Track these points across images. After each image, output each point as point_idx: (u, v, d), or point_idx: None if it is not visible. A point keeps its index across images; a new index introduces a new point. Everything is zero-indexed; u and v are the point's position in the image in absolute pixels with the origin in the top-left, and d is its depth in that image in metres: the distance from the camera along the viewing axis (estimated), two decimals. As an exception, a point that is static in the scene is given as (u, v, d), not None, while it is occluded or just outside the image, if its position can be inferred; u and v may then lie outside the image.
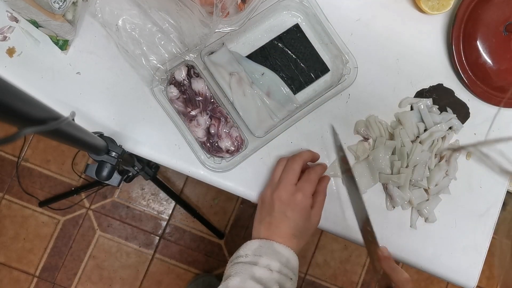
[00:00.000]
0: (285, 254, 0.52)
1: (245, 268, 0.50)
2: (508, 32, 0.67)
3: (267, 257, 0.51)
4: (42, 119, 0.34)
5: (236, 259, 0.53)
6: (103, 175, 0.56)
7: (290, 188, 0.55)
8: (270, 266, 0.50)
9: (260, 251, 0.52)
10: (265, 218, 0.55)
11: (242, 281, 0.48)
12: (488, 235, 0.67)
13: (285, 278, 0.51)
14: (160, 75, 0.59)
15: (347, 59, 0.62)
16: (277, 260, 0.51)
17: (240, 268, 0.51)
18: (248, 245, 0.54)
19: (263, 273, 0.49)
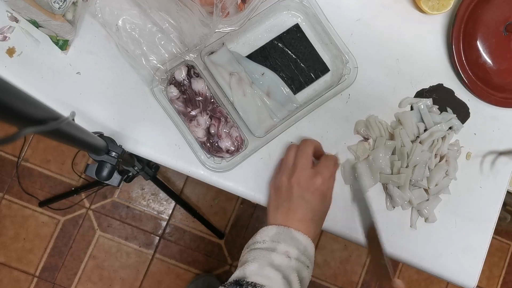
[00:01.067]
0: (303, 241, 0.51)
1: (263, 254, 0.49)
2: (508, 32, 0.67)
3: (285, 244, 0.50)
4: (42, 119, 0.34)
5: (253, 245, 0.51)
6: (103, 175, 0.56)
7: (308, 172, 0.54)
8: (288, 253, 0.49)
9: (278, 237, 0.50)
10: (282, 204, 0.54)
11: (260, 268, 0.47)
12: (488, 235, 0.67)
13: (302, 266, 0.50)
14: (160, 75, 0.59)
15: (347, 59, 0.62)
16: (295, 247, 0.50)
17: (257, 254, 0.49)
18: (265, 231, 0.52)
19: (281, 260, 0.48)
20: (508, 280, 1.56)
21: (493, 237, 0.66)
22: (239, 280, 0.46)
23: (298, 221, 0.52)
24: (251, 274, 0.46)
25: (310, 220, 0.53)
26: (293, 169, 0.55)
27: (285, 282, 0.46)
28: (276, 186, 0.57)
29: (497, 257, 1.56)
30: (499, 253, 1.56)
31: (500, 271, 1.56)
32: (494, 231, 0.68)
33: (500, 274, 1.56)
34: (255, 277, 0.46)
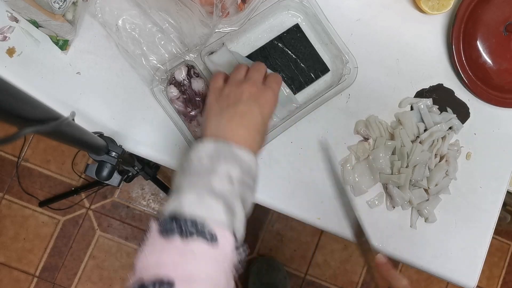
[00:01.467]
0: (246, 159, 0.44)
1: (201, 178, 0.42)
2: (508, 32, 0.67)
3: (227, 163, 0.43)
4: (42, 119, 0.34)
5: (187, 166, 0.44)
6: (103, 175, 0.56)
7: (260, 86, 0.50)
8: (230, 175, 0.42)
9: (217, 155, 0.43)
10: (227, 109, 0.47)
11: (199, 198, 0.40)
12: (488, 235, 0.67)
13: (246, 189, 0.44)
14: (160, 75, 0.59)
15: (347, 59, 0.62)
16: (238, 166, 0.43)
17: (195, 180, 0.42)
18: (200, 147, 0.44)
19: (223, 186, 0.41)
20: (508, 280, 1.56)
21: (493, 237, 0.66)
22: (176, 215, 0.39)
23: (245, 129, 0.46)
24: (189, 207, 0.40)
25: (256, 130, 0.47)
26: (244, 81, 0.50)
27: (227, 211, 0.41)
28: (220, 92, 0.50)
29: (497, 257, 1.56)
30: (499, 253, 1.56)
31: (500, 271, 1.56)
32: (494, 231, 0.68)
33: (500, 274, 1.56)
34: (193, 210, 0.40)
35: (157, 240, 0.38)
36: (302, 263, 1.45)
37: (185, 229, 0.38)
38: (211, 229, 0.38)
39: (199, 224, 0.38)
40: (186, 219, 0.38)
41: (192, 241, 0.38)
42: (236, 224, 0.42)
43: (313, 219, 0.63)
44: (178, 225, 0.38)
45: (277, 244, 1.43)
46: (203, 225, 0.38)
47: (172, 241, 0.38)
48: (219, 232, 0.39)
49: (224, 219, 0.40)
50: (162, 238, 0.38)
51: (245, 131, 0.46)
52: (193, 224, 0.38)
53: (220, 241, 0.39)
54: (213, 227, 0.39)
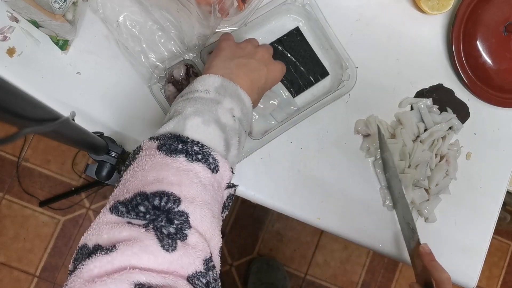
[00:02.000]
0: (247, 103, 0.45)
1: (207, 105, 0.41)
2: (508, 32, 0.67)
3: (231, 100, 0.42)
4: (42, 119, 0.34)
5: (191, 93, 0.43)
6: (103, 175, 0.56)
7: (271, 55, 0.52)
8: (233, 111, 0.42)
9: (223, 90, 0.43)
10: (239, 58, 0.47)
11: (204, 123, 0.39)
12: (488, 235, 0.67)
13: (242, 130, 0.44)
14: (159, 73, 0.59)
15: (346, 65, 0.62)
16: (239, 107, 0.43)
17: (200, 105, 0.41)
18: (207, 79, 0.44)
19: (227, 119, 0.41)
20: (508, 280, 1.56)
21: (493, 237, 0.66)
22: (179, 135, 0.38)
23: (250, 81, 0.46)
24: (195, 130, 0.39)
25: (256, 88, 0.47)
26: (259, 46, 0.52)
27: (226, 144, 0.41)
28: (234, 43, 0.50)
29: (497, 257, 1.56)
30: (499, 253, 1.56)
31: (500, 271, 1.56)
32: (494, 231, 0.68)
33: (500, 274, 1.56)
34: (199, 135, 0.39)
35: (157, 157, 0.37)
36: (302, 263, 1.45)
37: (192, 151, 0.37)
38: (215, 157, 0.38)
39: (205, 148, 0.38)
40: (192, 141, 0.38)
41: (197, 164, 0.37)
42: (230, 159, 0.41)
43: (313, 219, 0.63)
44: (183, 144, 0.37)
45: (277, 244, 1.43)
46: (208, 151, 0.38)
47: (177, 159, 0.36)
48: (221, 162, 0.38)
49: (223, 151, 0.40)
50: (164, 155, 0.37)
51: (249, 82, 0.46)
52: (200, 148, 0.37)
53: (220, 170, 0.38)
54: (217, 156, 0.38)
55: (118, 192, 0.36)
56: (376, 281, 1.48)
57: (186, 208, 0.35)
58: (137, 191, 0.35)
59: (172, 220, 0.34)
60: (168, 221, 0.33)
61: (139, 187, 0.35)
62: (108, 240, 0.32)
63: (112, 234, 0.32)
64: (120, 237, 0.32)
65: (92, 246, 0.32)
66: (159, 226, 0.33)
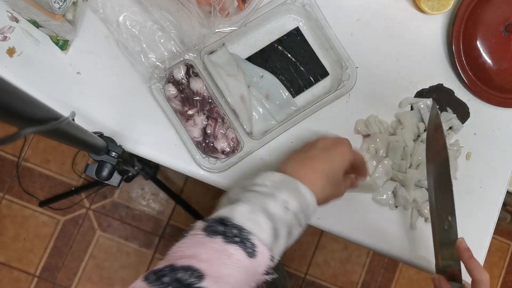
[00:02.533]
0: (307, 197, 0.45)
1: (259, 198, 0.43)
2: (508, 32, 0.67)
3: (288, 193, 0.44)
4: (42, 119, 0.34)
5: (250, 186, 0.45)
6: (103, 175, 0.56)
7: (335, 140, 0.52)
8: (287, 204, 0.43)
9: (281, 185, 0.45)
10: (301, 153, 0.50)
11: (251, 211, 0.41)
12: (488, 235, 0.67)
13: (296, 223, 0.45)
14: (159, 73, 0.59)
15: (346, 65, 0.62)
16: (296, 200, 0.44)
17: (252, 197, 0.43)
18: (268, 175, 0.46)
19: (277, 210, 0.43)
20: (508, 280, 1.56)
21: (493, 237, 0.66)
22: (225, 219, 0.41)
23: (311, 170, 0.47)
24: (240, 216, 0.41)
25: (323, 175, 0.48)
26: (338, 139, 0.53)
27: (273, 233, 0.42)
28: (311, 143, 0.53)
29: (497, 257, 1.56)
30: (499, 253, 1.56)
31: (500, 271, 1.56)
32: (494, 231, 0.68)
33: (500, 274, 1.56)
34: (243, 220, 0.41)
35: (199, 237, 0.39)
36: (302, 263, 1.45)
37: (230, 233, 0.39)
38: (254, 242, 0.40)
39: (244, 233, 0.40)
40: (234, 224, 0.40)
41: (232, 246, 0.39)
42: (275, 249, 0.42)
43: (313, 219, 0.63)
44: (223, 227, 0.40)
45: (277, 244, 1.43)
46: (247, 236, 0.40)
47: (214, 240, 0.39)
48: (259, 248, 0.40)
49: (267, 239, 0.41)
50: (204, 236, 0.39)
51: (310, 171, 0.48)
52: (239, 232, 0.40)
53: (258, 256, 0.40)
54: (255, 241, 0.40)
55: (159, 263, 0.39)
56: (376, 281, 1.48)
57: (208, 286, 0.36)
58: (169, 263, 0.37)
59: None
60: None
61: (173, 260, 0.38)
62: None
63: None
64: None
65: None
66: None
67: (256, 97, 0.62)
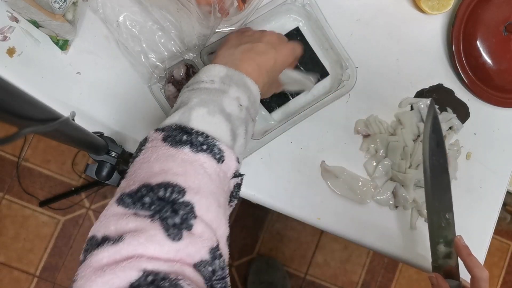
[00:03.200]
0: (254, 91, 0.44)
1: (212, 95, 0.41)
2: (508, 32, 0.67)
3: (237, 88, 0.42)
4: (42, 119, 0.34)
5: (196, 83, 0.43)
6: (103, 175, 0.56)
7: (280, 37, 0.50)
8: (240, 100, 0.42)
9: (229, 80, 0.43)
10: (245, 44, 0.47)
11: (209, 113, 0.39)
12: (488, 235, 0.67)
13: (249, 118, 0.44)
14: (159, 73, 0.59)
15: (346, 65, 0.62)
16: (246, 96, 0.43)
17: (205, 96, 0.41)
18: (211, 70, 0.44)
19: (233, 108, 0.41)
20: (508, 280, 1.56)
21: (493, 237, 0.66)
22: (184, 126, 0.38)
23: (256, 65, 0.45)
24: (200, 121, 0.39)
25: (265, 72, 0.46)
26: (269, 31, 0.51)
27: (232, 133, 0.41)
28: (241, 32, 0.50)
29: (497, 257, 1.56)
30: (499, 253, 1.56)
31: (500, 271, 1.56)
32: (494, 231, 0.68)
33: (500, 274, 1.56)
34: (204, 125, 0.39)
35: (162, 149, 0.37)
36: (302, 263, 1.45)
37: (196, 142, 0.37)
38: (220, 147, 0.38)
39: (210, 139, 0.38)
40: (197, 132, 0.38)
41: (201, 154, 0.37)
42: (236, 149, 0.41)
43: (313, 219, 0.63)
44: (188, 136, 0.37)
45: (277, 244, 1.43)
46: (213, 141, 0.38)
47: (181, 150, 0.37)
48: (226, 152, 0.38)
49: (229, 141, 0.40)
50: (169, 147, 0.37)
51: (255, 67, 0.45)
52: (204, 139, 0.38)
53: (226, 159, 0.38)
54: (222, 146, 0.38)
55: (124, 184, 0.37)
56: (376, 281, 1.48)
57: (191, 199, 0.35)
58: (142, 182, 0.35)
59: (177, 211, 0.34)
60: (173, 211, 0.34)
61: (145, 178, 0.36)
62: (115, 231, 0.33)
63: (119, 226, 0.33)
64: (127, 228, 0.32)
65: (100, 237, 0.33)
66: (164, 217, 0.33)
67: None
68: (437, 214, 0.55)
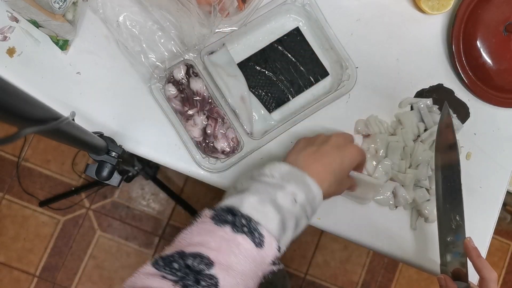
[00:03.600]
0: (314, 190, 0.46)
1: (267, 188, 0.44)
2: (508, 32, 0.67)
3: (296, 185, 0.45)
4: (42, 119, 0.34)
5: (258, 176, 0.46)
6: (103, 175, 0.56)
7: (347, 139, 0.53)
8: (295, 196, 0.44)
9: (289, 176, 0.45)
10: (311, 147, 0.50)
11: (260, 202, 0.42)
12: (488, 235, 0.67)
13: (303, 215, 0.45)
14: (159, 73, 0.59)
15: (346, 65, 0.62)
16: (304, 193, 0.45)
17: (261, 187, 0.44)
18: (276, 166, 0.47)
19: (285, 201, 0.43)
20: (508, 280, 1.56)
21: (493, 237, 0.66)
22: (233, 209, 0.41)
23: (321, 166, 0.48)
24: (248, 207, 0.42)
25: (331, 172, 0.48)
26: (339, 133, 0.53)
27: (281, 224, 0.42)
28: (310, 138, 0.53)
29: (497, 257, 1.56)
30: (499, 253, 1.56)
31: (500, 271, 1.56)
32: (494, 231, 0.68)
33: (500, 274, 1.56)
34: (251, 211, 0.41)
35: (207, 224, 0.40)
36: (302, 263, 1.45)
37: (239, 223, 0.40)
38: (262, 232, 0.40)
39: (252, 223, 0.40)
40: (242, 215, 0.40)
41: (241, 235, 0.39)
42: (283, 240, 0.43)
43: (313, 219, 0.63)
44: (232, 217, 0.40)
45: (277, 244, 1.43)
46: (255, 226, 0.40)
47: (223, 229, 0.40)
48: (267, 238, 0.40)
49: (275, 230, 0.42)
50: (213, 224, 0.40)
51: (320, 167, 0.48)
52: (247, 222, 0.40)
53: (265, 246, 0.40)
54: (263, 232, 0.40)
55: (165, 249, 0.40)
56: (376, 281, 1.48)
57: (217, 273, 0.37)
58: (178, 249, 0.38)
59: (199, 281, 0.36)
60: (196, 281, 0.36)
61: (182, 247, 0.39)
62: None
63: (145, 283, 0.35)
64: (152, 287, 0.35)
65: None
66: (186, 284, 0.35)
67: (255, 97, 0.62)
68: (447, 216, 0.56)
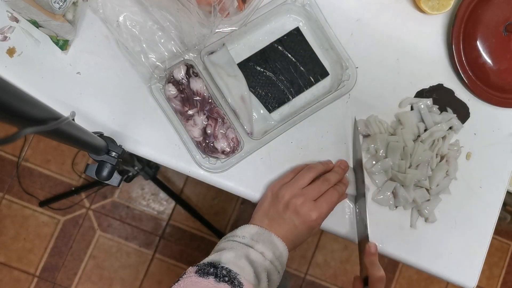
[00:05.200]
0: (280, 247, 0.53)
1: (240, 247, 0.51)
2: (508, 32, 0.67)
3: (264, 245, 0.52)
4: (42, 119, 0.34)
5: (232, 237, 0.54)
6: (103, 175, 0.56)
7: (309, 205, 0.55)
8: (264, 254, 0.52)
9: (258, 237, 0.53)
10: (273, 215, 0.56)
11: (236, 257, 0.49)
12: (488, 235, 0.67)
13: (274, 269, 0.52)
14: (159, 73, 0.59)
15: (346, 65, 0.62)
16: (271, 251, 0.52)
17: (235, 246, 0.52)
18: (246, 228, 0.55)
19: (257, 257, 0.51)
20: (508, 280, 1.56)
21: (493, 237, 0.66)
22: (214, 263, 0.48)
23: (284, 231, 0.55)
24: (227, 261, 0.48)
25: (291, 240, 0.55)
26: (300, 193, 0.56)
27: (255, 277, 0.49)
28: (275, 195, 0.57)
29: (497, 257, 1.56)
30: (499, 253, 1.56)
31: (500, 271, 1.56)
32: (494, 231, 0.68)
33: (500, 274, 1.56)
34: (230, 265, 0.48)
35: (193, 278, 0.46)
36: (302, 263, 1.45)
37: (220, 274, 0.46)
38: (240, 281, 0.46)
39: (232, 273, 0.46)
40: (223, 267, 0.47)
41: (223, 284, 0.45)
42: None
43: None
44: (214, 269, 0.47)
45: (277, 244, 1.43)
46: (235, 275, 0.46)
47: (207, 279, 0.46)
48: (246, 285, 0.46)
49: (252, 280, 0.48)
50: (198, 277, 0.46)
51: (284, 232, 0.55)
52: (227, 272, 0.46)
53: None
54: (242, 280, 0.46)
55: None
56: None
57: None
58: None
59: None
60: None
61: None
62: None
63: None
64: None
65: None
66: None
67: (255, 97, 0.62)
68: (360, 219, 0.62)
